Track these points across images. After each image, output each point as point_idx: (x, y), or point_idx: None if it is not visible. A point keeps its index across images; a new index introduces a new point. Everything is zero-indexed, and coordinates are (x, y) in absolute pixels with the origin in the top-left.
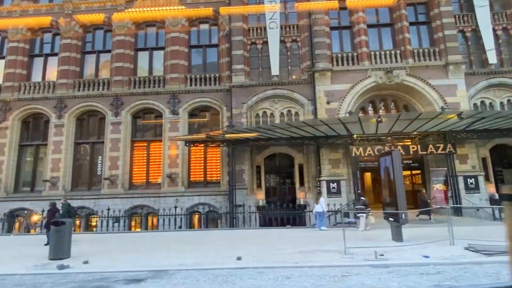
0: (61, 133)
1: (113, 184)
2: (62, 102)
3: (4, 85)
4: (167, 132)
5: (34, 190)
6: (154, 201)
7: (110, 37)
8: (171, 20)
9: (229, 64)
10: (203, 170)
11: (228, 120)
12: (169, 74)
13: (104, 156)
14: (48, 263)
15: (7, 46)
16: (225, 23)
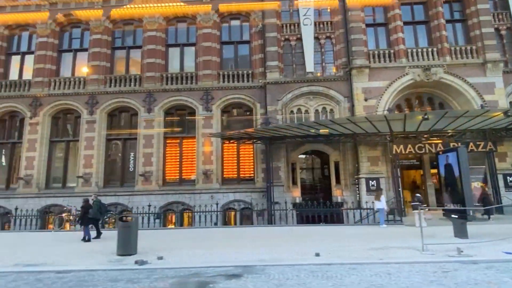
0: (93, 129)
1: (147, 180)
2: (93, 98)
3: (34, 81)
4: (201, 128)
5: (65, 187)
6: (189, 198)
7: (140, 32)
8: (203, 16)
9: (262, 61)
10: (236, 167)
11: (263, 117)
12: (202, 71)
13: (138, 153)
14: (121, 258)
15: (36, 41)
16: (258, 20)
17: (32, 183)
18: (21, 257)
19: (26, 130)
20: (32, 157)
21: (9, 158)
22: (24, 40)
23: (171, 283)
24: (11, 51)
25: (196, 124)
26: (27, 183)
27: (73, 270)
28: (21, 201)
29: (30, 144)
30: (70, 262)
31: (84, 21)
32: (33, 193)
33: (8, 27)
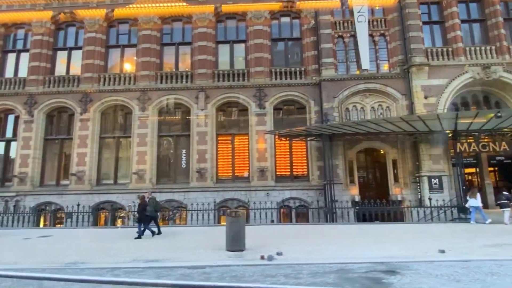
0: (146, 126)
1: (202, 177)
2: (145, 94)
3: (84, 76)
4: (254, 126)
5: (117, 183)
6: (244, 195)
7: (189, 29)
8: (254, 13)
9: (315, 58)
10: (289, 164)
11: (321, 115)
12: (254, 68)
13: (192, 149)
14: (238, 254)
15: (84, 36)
16: (310, 17)
17: (84, 180)
18: (134, 253)
19: (77, 126)
20: (83, 153)
21: (58, 154)
22: (70, 36)
23: (334, 278)
24: (57, 46)
25: (248, 121)
26: (79, 179)
27: (205, 265)
28: (73, 198)
29: (81, 140)
30: (190, 258)
31: (132, 17)
32: (85, 189)
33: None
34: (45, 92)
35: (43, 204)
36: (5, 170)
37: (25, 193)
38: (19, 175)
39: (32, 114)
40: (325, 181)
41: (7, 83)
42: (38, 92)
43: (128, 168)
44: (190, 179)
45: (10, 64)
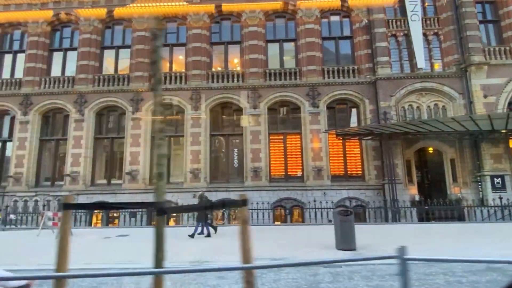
0: (199, 125)
1: (257, 176)
2: (198, 93)
3: (134, 75)
4: (308, 124)
5: (170, 182)
6: (301, 194)
7: (238, 28)
8: (305, 12)
9: (368, 56)
10: (343, 164)
11: (377, 114)
12: (306, 66)
13: (245, 148)
14: (357, 253)
15: (133, 35)
16: (362, 15)
17: (138, 179)
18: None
19: (129, 126)
20: (136, 152)
21: (109, 153)
22: (118, 34)
23: (498, 275)
24: (105, 45)
25: (301, 120)
26: (133, 178)
27: (339, 264)
28: (127, 197)
29: (134, 140)
30: (312, 257)
31: (180, 15)
32: (140, 188)
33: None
34: (96, 91)
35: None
36: (55, 169)
37: (78, 192)
38: (72, 174)
39: (83, 113)
40: (384, 181)
41: (56, 81)
42: (87, 91)
43: (181, 166)
44: (245, 178)
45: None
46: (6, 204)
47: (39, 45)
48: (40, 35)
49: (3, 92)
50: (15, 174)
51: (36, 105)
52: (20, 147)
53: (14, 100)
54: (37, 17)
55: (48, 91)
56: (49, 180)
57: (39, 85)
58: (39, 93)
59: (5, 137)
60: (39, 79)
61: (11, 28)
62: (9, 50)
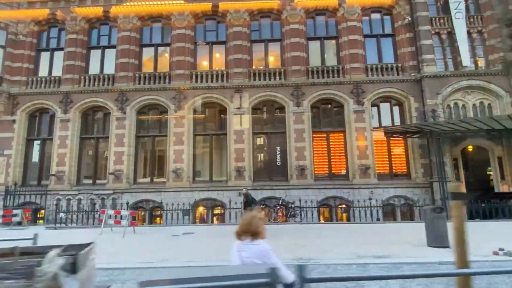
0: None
1: (302, 175)
2: (239, 91)
3: (175, 73)
4: (353, 122)
5: (212, 180)
6: (347, 193)
7: (278, 25)
8: (347, 9)
9: (411, 54)
10: (388, 162)
11: (424, 111)
12: (349, 64)
13: (289, 147)
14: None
15: (173, 33)
16: (405, 13)
17: (183, 177)
18: (343, 248)
19: (172, 124)
20: (180, 151)
21: (151, 151)
22: (156, 31)
23: None
24: (143, 42)
25: (344, 118)
26: (177, 177)
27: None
28: (172, 195)
29: (177, 138)
30: (411, 254)
31: (220, 13)
32: (184, 186)
33: (141, 18)
34: (137, 89)
35: (140, 201)
36: (96, 167)
37: (122, 190)
38: (115, 172)
39: (125, 111)
40: (432, 179)
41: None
42: (128, 89)
43: (224, 165)
44: (289, 176)
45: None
46: (50, 203)
47: (77, 42)
48: (79, 32)
49: (42, 90)
50: (57, 172)
51: (77, 103)
52: (61, 145)
53: (54, 98)
54: (75, 15)
55: (88, 89)
56: (90, 178)
57: (78, 83)
58: (79, 91)
59: (44, 136)
60: (78, 77)
61: (47, 26)
62: (46, 48)
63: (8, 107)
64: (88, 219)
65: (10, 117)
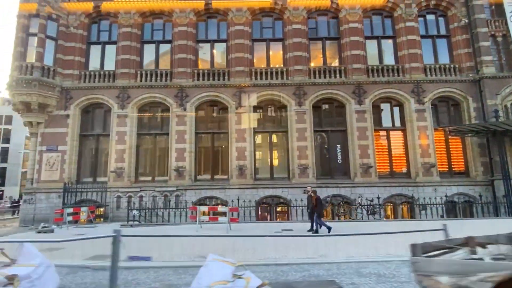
0: (304, 121)
1: (366, 172)
2: (300, 89)
3: (235, 70)
4: (414, 121)
5: (273, 178)
6: (412, 190)
7: (335, 23)
8: (405, 10)
9: (468, 55)
10: (446, 160)
11: (483, 111)
12: (408, 64)
13: (352, 145)
14: None
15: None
16: (461, 15)
17: (246, 174)
18: None
19: (233, 120)
20: (243, 148)
21: (210, 148)
22: (212, 27)
23: None
24: (199, 38)
25: (406, 117)
26: (241, 174)
27: None
28: (237, 192)
29: (239, 135)
30: None
31: (277, 9)
32: (248, 184)
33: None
34: (196, 86)
35: (204, 198)
36: (154, 164)
37: (185, 187)
38: (178, 169)
39: (185, 107)
40: (493, 177)
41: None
42: (187, 85)
43: (284, 162)
44: (353, 174)
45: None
46: (109, 201)
47: (132, 36)
48: (133, 26)
49: (96, 84)
50: (116, 169)
51: (134, 99)
52: (119, 142)
53: (110, 93)
54: (129, 8)
55: (146, 84)
56: (149, 175)
57: (134, 78)
58: (136, 86)
59: (97, 131)
60: (134, 72)
61: (98, 18)
62: (97, 41)
63: (61, 102)
64: (167, 215)
65: (64, 112)
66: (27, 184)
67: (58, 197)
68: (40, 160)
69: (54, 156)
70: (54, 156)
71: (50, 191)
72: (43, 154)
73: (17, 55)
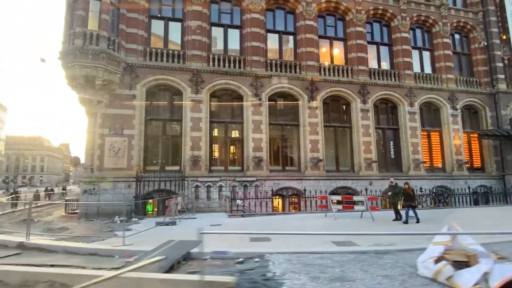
0: (368, 118)
1: (417, 167)
2: (364, 88)
3: (306, 64)
4: (451, 124)
5: (339, 170)
6: (450, 183)
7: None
8: (442, 28)
9: (485, 72)
10: (469, 158)
11: (497, 119)
12: (446, 74)
13: (405, 142)
14: None
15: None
16: (481, 38)
17: (320, 166)
18: None
19: (306, 114)
20: (316, 141)
21: (280, 139)
22: (281, 19)
23: None
24: (268, 27)
25: (443, 120)
26: (315, 166)
27: None
28: (313, 183)
29: (312, 128)
30: None
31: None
32: (322, 175)
33: None
34: (269, 76)
35: (281, 189)
36: (226, 153)
37: (264, 178)
38: (255, 159)
39: (260, 97)
40: (504, 172)
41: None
42: (262, 74)
43: (348, 156)
44: (406, 168)
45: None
46: (187, 191)
47: (202, 16)
48: (203, 5)
49: (165, 64)
50: (192, 157)
51: (208, 84)
52: (194, 128)
53: (181, 76)
54: None
55: (220, 70)
56: (221, 164)
57: (206, 62)
58: (208, 70)
59: (165, 116)
60: (206, 55)
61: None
62: (160, 16)
63: (125, 80)
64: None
65: (129, 91)
66: (86, 172)
67: (128, 187)
68: (102, 145)
69: (119, 141)
70: (120, 141)
71: (118, 180)
72: (106, 138)
73: (78, 20)
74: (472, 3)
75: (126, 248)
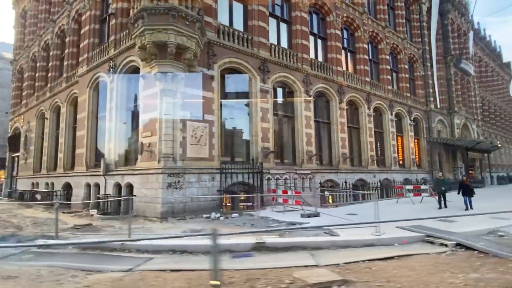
0: (371, 123)
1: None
2: (370, 95)
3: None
4: (408, 131)
5: (355, 164)
6: (409, 175)
7: None
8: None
9: (422, 94)
10: (417, 157)
11: (430, 130)
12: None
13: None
14: None
15: None
16: (420, 68)
17: (347, 161)
18: None
19: (337, 113)
20: (343, 138)
21: (322, 137)
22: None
23: None
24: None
25: (404, 127)
26: (344, 160)
27: None
28: (343, 176)
29: (341, 127)
30: None
31: None
32: (348, 169)
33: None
34: (314, 75)
35: (326, 181)
36: (282, 146)
37: (315, 171)
38: (308, 153)
39: (310, 94)
40: (432, 168)
41: None
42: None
43: (358, 152)
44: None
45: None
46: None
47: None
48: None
49: (238, 47)
50: (263, 149)
51: (273, 74)
52: (263, 119)
53: (252, 62)
54: None
55: (282, 62)
56: (277, 157)
57: (269, 51)
58: (273, 61)
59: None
60: (269, 45)
61: None
62: None
63: (202, 57)
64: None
65: (207, 71)
66: (168, 162)
67: (212, 180)
68: (183, 130)
69: (201, 127)
70: (201, 127)
71: (202, 172)
72: (187, 123)
73: None
74: (416, 41)
75: (384, 237)
